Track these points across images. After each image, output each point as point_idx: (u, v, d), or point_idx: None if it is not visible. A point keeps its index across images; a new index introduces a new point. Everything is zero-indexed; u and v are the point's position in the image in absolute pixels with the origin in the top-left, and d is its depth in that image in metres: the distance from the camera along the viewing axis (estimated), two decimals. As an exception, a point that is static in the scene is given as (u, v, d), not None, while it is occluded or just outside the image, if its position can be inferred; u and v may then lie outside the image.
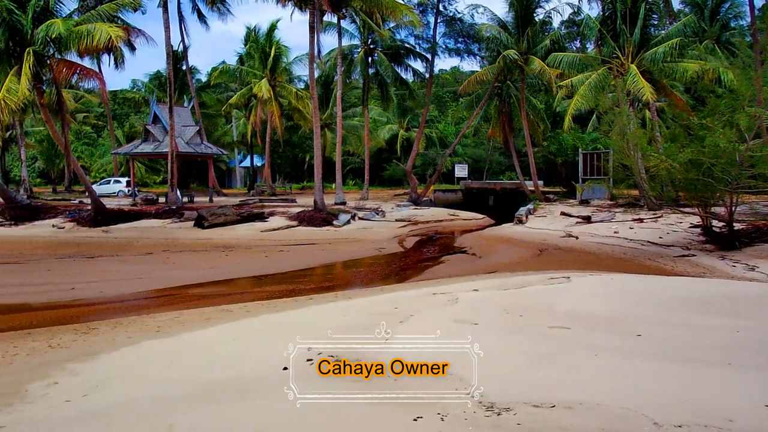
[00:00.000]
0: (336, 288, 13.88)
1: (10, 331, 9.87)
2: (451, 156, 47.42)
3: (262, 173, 51.79)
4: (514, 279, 13.26)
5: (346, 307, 10.44)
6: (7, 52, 22.61)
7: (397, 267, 17.54)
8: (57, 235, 23.94)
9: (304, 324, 9.41)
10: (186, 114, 36.89)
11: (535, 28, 33.37)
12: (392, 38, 37.47)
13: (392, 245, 21.59)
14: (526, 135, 34.89)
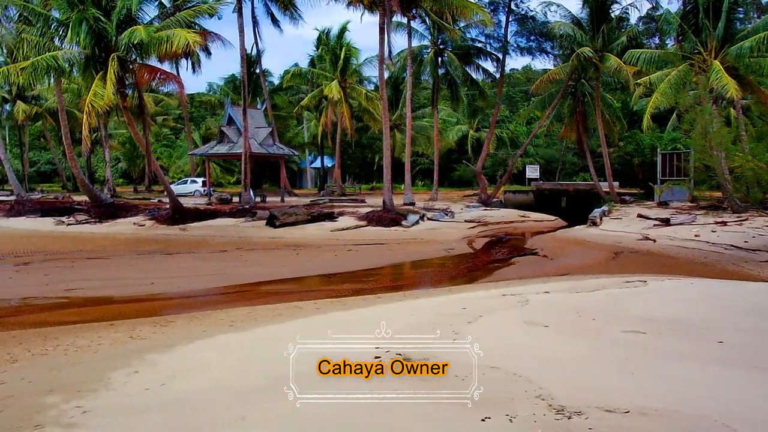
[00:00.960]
0: (404, 288, 13.92)
1: (95, 322, 10.39)
2: (523, 156, 46.64)
3: (332, 174, 52.46)
4: (586, 282, 12.91)
5: (413, 307, 10.44)
6: (93, 58, 23.82)
7: (466, 268, 17.40)
8: (138, 233, 25.04)
9: (372, 322, 9.45)
10: (259, 116, 37.84)
11: (610, 25, 32.39)
12: (462, 38, 37.17)
13: (461, 246, 21.44)
14: (601, 135, 33.91)
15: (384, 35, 26.87)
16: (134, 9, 24.01)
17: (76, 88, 40.20)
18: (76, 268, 16.75)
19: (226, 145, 34.93)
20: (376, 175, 57.72)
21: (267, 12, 39.45)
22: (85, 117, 22.89)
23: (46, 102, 46.05)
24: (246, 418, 5.45)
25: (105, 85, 22.22)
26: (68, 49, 23.79)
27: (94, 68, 23.70)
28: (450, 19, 31.22)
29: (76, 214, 28.64)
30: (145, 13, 25.12)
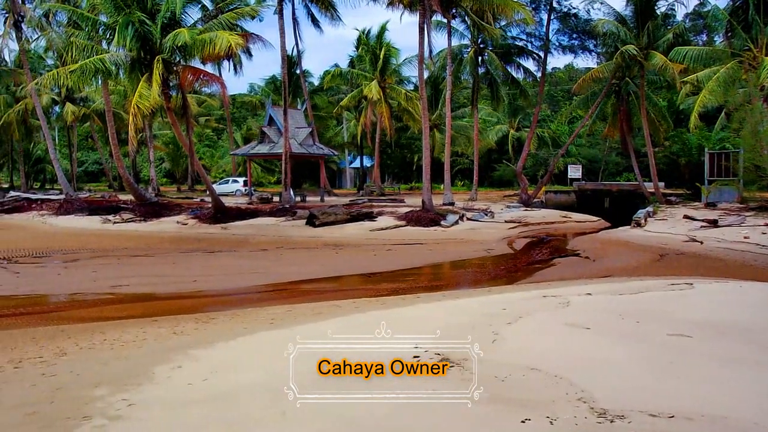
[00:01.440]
0: (443, 287, 13.86)
1: (140, 317, 10.64)
2: (564, 156, 45.96)
3: (371, 174, 52.60)
4: (630, 284, 12.65)
5: (453, 307, 10.39)
6: (139, 60, 24.39)
7: (506, 268, 17.23)
8: (181, 231, 25.56)
9: (411, 321, 9.44)
10: (299, 116, 38.21)
11: (656, 22, 31.64)
12: (503, 37, 36.83)
13: (501, 246, 21.25)
14: (646, 134, 33.18)
15: (423, 35, 26.82)
16: (178, 12, 24.49)
17: (122, 90, 41.25)
18: (122, 265, 17.19)
19: (267, 145, 35.36)
20: (415, 174, 57.66)
21: (307, 13, 39.79)
22: (131, 118, 23.46)
23: (94, 103, 47.34)
24: (286, 414, 5.50)
25: (150, 86, 22.73)
26: (115, 52, 24.41)
27: (139, 70, 24.26)
28: (491, 17, 30.96)
29: (122, 213, 29.38)
30: (188, 15, 25.67)
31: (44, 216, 31.60)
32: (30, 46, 38.79)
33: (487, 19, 31.15)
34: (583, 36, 36.16)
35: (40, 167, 61.43)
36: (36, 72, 44.85)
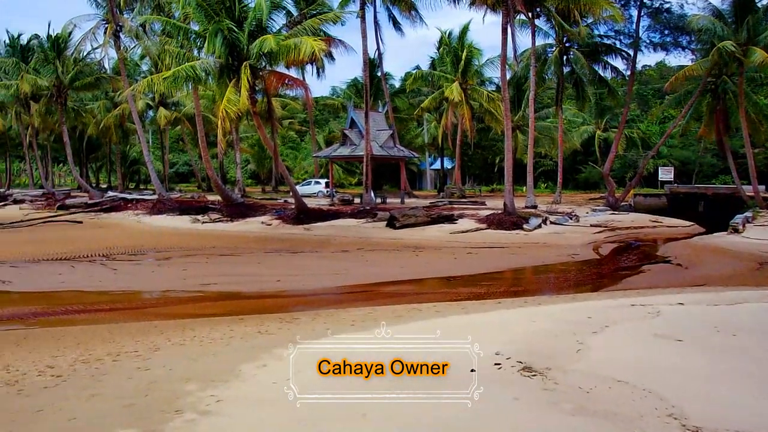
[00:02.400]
0: (525, 293, 13.59)
1: (227, 315, 11.03)
2: (655, 158, 44.16)
3: (451, 175, 52.33)
4: (726, 294, 11.97)
5: (535, 314, 10.17)
6: (227, 66, 25.32)
7: (591, 275, 16.69)
8: (265, 231, 26.28)
9: (492, 327, 9.31)
10: (380, 118, 38.51)
11: (756, 16, 29.84)
12: (590, 35, 35.73)
13: (586, 252, 20.59)
14: (745, 134, 31.35)
15: (506, 35, 26.41)
16: (264, 19, 25.22)
17: (211, 95, 42.89)
18: (210, 264, 17.86)
19: (349, 148, 35.86)
20: (496, 176, 56.96)
21: (389, 16, 40.02)
22: (219, 122, 24.38)
23: (184, 108, 49.53)
24: (367, 416, 5.55)
25: (238, 91, 23.53)
26: (205, 59, 25.45)
27: (227, 76, 25.16)
28: (578, 16, 30.13)
29: (210, 213, 30.56)
30: (274, 22, 26.33)
31: (139, 215, 33.31)
32: (127, 55, 41.08)
33: (573, 17, 30.32)
34: (676, 32, 34.52)
35: (135, 168, 64.97)
36: (132, 78, 47.52)
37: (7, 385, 6.90)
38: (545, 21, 34.57)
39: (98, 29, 37.17)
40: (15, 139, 58.23)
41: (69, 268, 16.99)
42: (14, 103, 46.23)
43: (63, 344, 8.89)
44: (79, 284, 14.65)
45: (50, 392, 6.66)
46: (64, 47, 41.76)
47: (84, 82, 43.31)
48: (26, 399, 6.45)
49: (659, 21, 34.48)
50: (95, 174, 67.73)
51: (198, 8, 24.72)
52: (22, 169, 69.44)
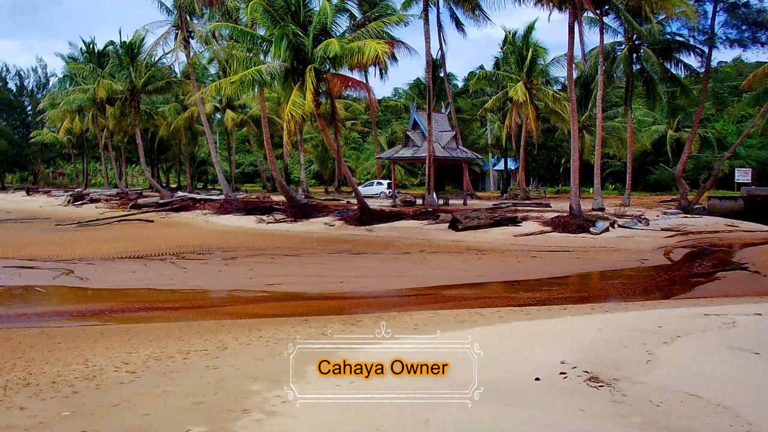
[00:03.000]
0: (591, 299, 13.24)
1: (291, 316, 11.24)
2: (731, 159, 42.23)
3: (515, 176, 51.61)
4: (810, 304, 11.36)
5: (602, 321, 9.91)
6: (292, 69, 25.78)
7: (662, 281, 16.10)
8: (328, 232, 26.60)
9: (558, 335, 9.13)
10: (443, 120, 38.37)
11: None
12: (661, 32, 34.51)
13: (656, 257, 19.87)
14: (829, 134, 29.66)
15: (573, 35, 25.85)
16: (329, 23, 25.55)
17: (276, 97, 43.78)
18: (275, 264, 18.22)
19: (411, 149, 35.88)
20: (562, 177, 55.80)
21: (451, 16, 39.83)
22: (285, 125, 24.89)
23: (250, 110, 50.71)
24: (429, 422, 5.55)
25: (302, 94, 23.94)
26: (270, 63, 25.98)
27: (292, 79, 25.62)
28: (648, 12, 29.17)
29: (275, 214, 31.19)
30: (338, 25, 26.65)
31: (206, 215, 34.35)
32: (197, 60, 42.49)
33: (644, 14, 29.37)
34: (755, 27, 32.94)
35: (203, 169, 67.04)
36: (201, 81, 49.09)
37: (86, 379, 7.24)
38: (614, 18, 33.60)
39: (169, 35, 38.56)
40: (92, 141, 61.14)
41: (142, 266, 17.68)
42: (91, 107, 48.51)
43: (137, 341, 9.26)
44: (152, 282, 15.22)
45: (125, 388, 6.94)
46: (137, 53, 43.62)
47: (156, 86, 45.22)
48: (103, 394, 6.75)
49: (736, 16, 32.98)
50: (165, 174, 70.24)
51: (264, 13, 25.30)
52: (97, 169, 72.73)
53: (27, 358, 8.29)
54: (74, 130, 54.47)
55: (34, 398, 6.63)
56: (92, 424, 5.77)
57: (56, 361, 8.10)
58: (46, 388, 6.94)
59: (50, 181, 78.47)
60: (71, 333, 10.22)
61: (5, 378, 7.35)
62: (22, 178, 79.24)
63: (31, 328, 10.67)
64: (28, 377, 7.39)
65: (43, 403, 6.47)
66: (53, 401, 6.54)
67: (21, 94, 76.45)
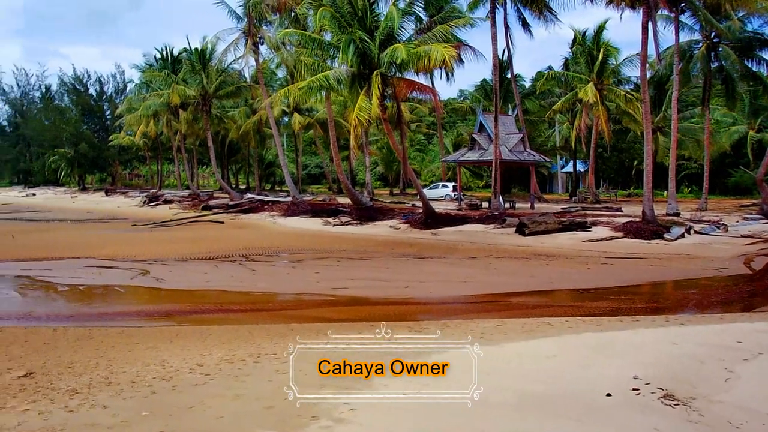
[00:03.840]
0: (666, 310, 12.76)
1: (357, 321, 11.32)
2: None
3: (584, 179, 50.40)
4: None
5: (677, 335, 9.55)
6: (359, 74, 26.02)
7: (742, 292, 15.32)
8: (393, 235, 26.67)
9: (630, 348, 8.86)
10: (510, 122, 37.81)
11: None
12: (742, 29, 32.95)
13: (736, 265, 18.91)
14: None
15: (647, 34, 24.96)
16: (395, 28, 25.65)
17: (342, 100, 44.31)
18: (341, 267, 18.42)
19: (477, 152, 35.56)
20: (634, 180, 54.11)
21: (518, 17, 39.18)
22: (352, 130, 25.21)
23: (317, 113, 51.51)
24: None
25: (369, 99, 24.12)
26: (337, 68, 26.33)
27: (359, 84, 25.87)
28: (728, 9, 27.91)
29: (341, 216, 31.57)
30: (404, 30, 26.71)
31: (274, 216, 35.11)
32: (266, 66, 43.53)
33: (723, 11, 28.13)
34: None
35: (270, 170, 68.63)
36: (269, 86, 50.22)
37: (163, 380, 7.54)
38: (690, 16, 32.32)
39: (239, 41, 39.64)
40: (165, 144, 63.58)
41: (213, 268, 18.23)
42: (165, 112, 50.57)
43: (210, 343, 9.56)
44: (222, 284, 15.67)
45: (200, 390, 7.19)
46: (209, 59, 45.14)
47: (226, 90, 46.83)
48: (179, 395, 7.00)
49: (825, 11, 31.14)
50: (234, 175, 72.24)
51: (332, 20, 25.68)
52: (170, 170, 75.62)
53: (108, 357, 8.70)
54: (149, 133, 56.78)
55: (116, 397, 6.94)
56: (170, 425, 6.00)
57: (135, 361, 8.46)
58: (127, 388, 7.26)
59: (127, 182, 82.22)
60: (148, 333, 10.65)
61: (89, 376, 7.73)
62: (101, 179, 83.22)
63: (111, 327, 11.19)
64: (110, 376, 7.75)
65: (124, 402, 6.78)
66: (133, 401, 6.84)
67: (101, 99, 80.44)
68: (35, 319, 11.93)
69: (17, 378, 7.73)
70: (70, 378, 7.72)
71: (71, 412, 6.51)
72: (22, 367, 8.26)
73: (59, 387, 7.34)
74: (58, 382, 7.54)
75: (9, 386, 7.40)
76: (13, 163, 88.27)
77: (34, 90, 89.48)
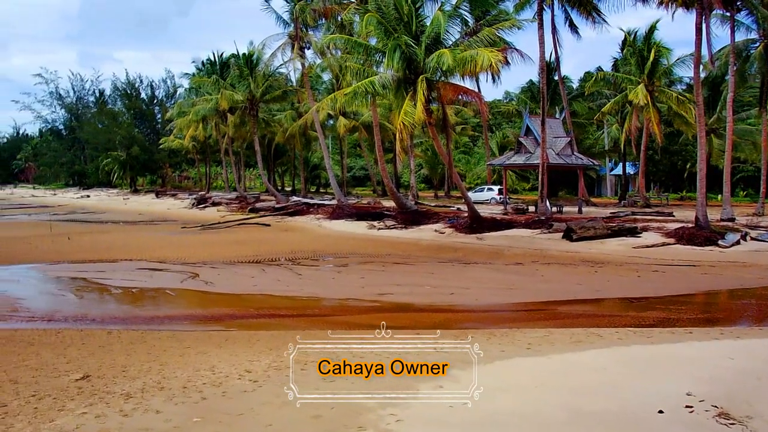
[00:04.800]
0: (720, 322, 12.37)
1: (402, 328, 11.28)
2: None
3: (634, 182, 49.26)
4: None
5: (733, 349, 9.25)
6: (404, 79, 26.01)
7: (802, 303, 14.79)
8: (438, 240, 26.56)
9: (682, 362, 8.63)
10: (557, 125, 37.29)
11: None
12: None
13: (795, 274, 18.24)
14: None
15: (700, 35, 24.27)
16: (442, 33, 25.54)
17: (387, 103, 44.42)
18: (386, 272, 18.46)
19: (523, 156, 35.17)
20: (686, 183, 52.56)
21: (565, 18, 38.59)
22: (397, 135, 25.25)
23: (362, 116, 51.77)
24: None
25: (414, 104, 24.09)
26: (383, 73, 26.37)
27: (404, 89, 25.85)
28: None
29: (386, 220, 31.62)
30: (450, 34, 26.56)
31: (319, 219, 35.41)
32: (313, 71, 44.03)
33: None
34: None
35: (316, 173, 69.29)
36: (315, 88, 50.67)
37: (213, 386, 7.69)
38: (746, 15, 31.27)
39: (286, 46, 40.19)
40: (213, 147, 64.89)
41: (260, 271, 18.51)
42: (214, 116, 51.67)
43: (257, 349, 9.70)
44: (269, 288, 15.89)
45: (249, 397, 7.31)
46: (256, 64, 45.92)
47: (273, 95, 47.71)
48: (229, 401, 7.14)
49: None
50: (281, 177, 73.20)
51: (378, 26, 25.77)
52: (218, 172, 77.12)
53: (161, 362, 8.92)
54: (198, 136, 58.09)
55: (168, 402, 7.12)
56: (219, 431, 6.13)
57: (186, 366, 8.66)
58: (179, 393, 7.44)
59: (176, 184, 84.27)
60: (198, 337, 10.88)
61: (143, 381, 7.95)
62: (151, 181, 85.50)
63: (162, 331, 11.47)
64: (162, 381, 7.95)
65: (176, 408, 6.94)
66: (185, 406, 7.00)
67: (152, 104, 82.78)
68: (91, 321, 12.33)
69: (75, 381, 8.01)
70: (125, 382, 7.95)
71: (126, 416, 6.70)
72: (79, 369, 8.55)
73: (114, 390, 7.57)
74: (113, 386, 7.77)
75: (67, 389, 7.67)
76: (69, 166, 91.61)
77: (89, 95, 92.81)
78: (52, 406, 7.06)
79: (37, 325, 12.11)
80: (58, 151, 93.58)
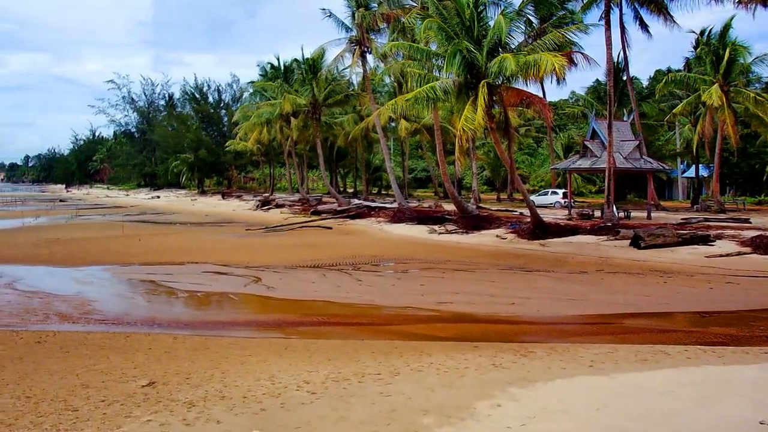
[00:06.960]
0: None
1: (461, 340, 11.17)
2: None
3: (707, 185, 47.24)
4: None
5: (816, 373, 8.72)
6: (465, 84, 25.72)
7: None
8: (499, 246, 26.12)
9: (756, 386, 8.21)
10: (625, 128, 36.08)
11: None
12: None
13: None
14: None
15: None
16: (503, 36, 25.11)
17: (449, 106, 44.13)
18: (446, 279, 18.28)
19: (589, 160, 34.22)
20: (765, 187, 50.09)
21: (635, 17, 37.37)
22: (457, 141, 25.05)
23: (423, 119, 51.68)
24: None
25: (474, 110, 23.78)
26: (444, 78, 26.15)
27: (465, 94, 25.53)
28: None
29: (447, 224, 31.39)
30: (512, 38, 26.10)
31: (380, 222, 35.50)
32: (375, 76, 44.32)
33: None
34: None
35: (377, 175, 69.66)
36: (377, 92, 50.88)
37: (272, 396, 7.82)
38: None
39: (348, 51, 40.58)
40: (277, 149, 66.25)
41: (320, 276, 18.69)
42: (278, 119, 52.80)
43: (316, 359, 9.79)
44: (329, 294, 16.00)
45: (306, 409, 7.39)
46: (318, 68, 46.60)
47: (335, 99, 48.55)
48: (287, 413, 7.23)
49: None
50: (342, 179, 73.95)
51: (439, 31, 25.63)
52: (282, 174, 78.65)
53: (222, 370, 9.13)
54: (262, 139, 59.45)
55: (229, 412, 7.28)
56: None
57: (246, 375, 8.83)
58: (239, 403, 7.60)
59: (241, 185, 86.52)
60: (259, 345, 11.07)
61: (205, 389, 8.15)
62: (218, 182, 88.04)
63: (224, 337, 11.73)
64: (223, 389, 8.13)
65: (236, 418, 7.09)
66: (245, 417, 7.14)
67: (218, 107, 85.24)
68: (158, 326, 12.74)
69: (141, 387, 8.29)
70: (188, 390, 8.17)
71: (188, 425, 6.89)
72: (146, 375, 8.84)
73: (178, 398, 7.79)
74: (177, 393, 8.00)
75: (134, 395, 7.95)
76: (141, 167, 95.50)
77: (159, 98, 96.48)
78: (119, 412, 7.33)
79: (107, 328, 12.62)
80: (130, 153, 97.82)
